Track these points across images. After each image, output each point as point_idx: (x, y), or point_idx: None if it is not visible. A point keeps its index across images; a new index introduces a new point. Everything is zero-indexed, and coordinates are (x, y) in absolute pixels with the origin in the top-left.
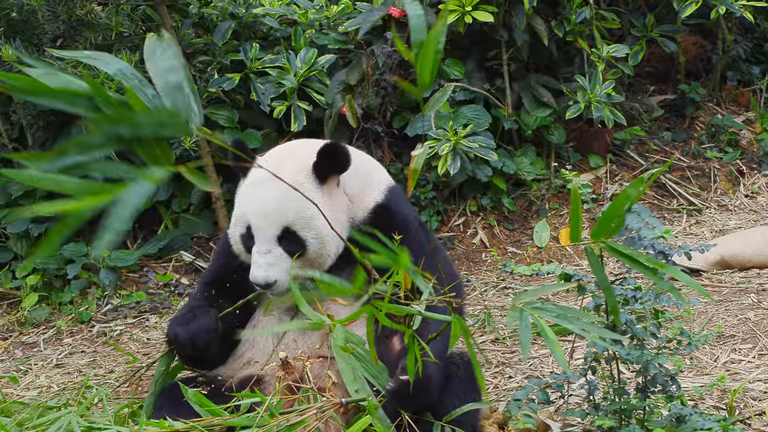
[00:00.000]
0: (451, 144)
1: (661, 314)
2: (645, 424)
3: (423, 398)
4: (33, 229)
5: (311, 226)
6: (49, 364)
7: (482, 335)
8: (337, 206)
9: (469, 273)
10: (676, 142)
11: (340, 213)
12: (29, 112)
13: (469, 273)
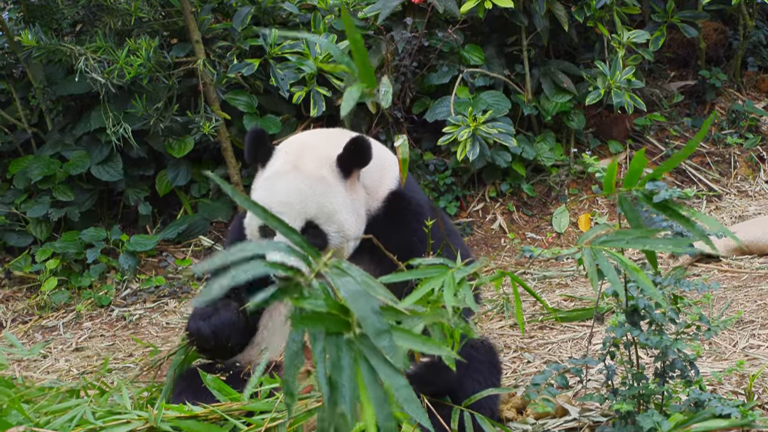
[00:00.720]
0: (470, 130)
1: (680, 299)
2: (663, 409)
3: (442, 381)
4: (53, 213)
5: (334, 221)
6: (68, 347)
7: (501, 320)
8: (357, 199)
9: (489, 258)
10: (696, 127)
11: (359, 206)
12: (48, 97)
13: (489, 258)
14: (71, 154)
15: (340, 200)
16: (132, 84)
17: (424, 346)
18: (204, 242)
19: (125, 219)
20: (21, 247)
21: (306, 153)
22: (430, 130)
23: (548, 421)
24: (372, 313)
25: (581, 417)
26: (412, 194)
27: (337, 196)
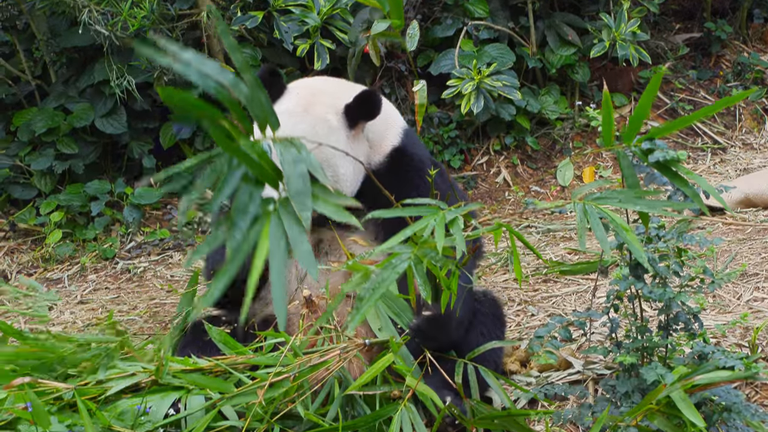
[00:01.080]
0: (474, 83)
1: (684, 252)
2: (667, 361)
3: (444, 336)
4: (57, 166)
5: (329, 164)
6: (73, 300)
7: (505, 274)
8: (358, 151)
9: (492, 212)
10: (701, 80)
11: (360, 158)
12: (52, 49)
13: (492, 212)
14: (75, 107)
15: (341, 146)
16: (135, 36)
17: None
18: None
19: (129, 172)
20: (25, 199)
21: (317, 97)
22: (434, 83)
23: (552, 373)
24: (299, 177)
25: (585, 370)
26: (415, 150)
27: (339, 142)
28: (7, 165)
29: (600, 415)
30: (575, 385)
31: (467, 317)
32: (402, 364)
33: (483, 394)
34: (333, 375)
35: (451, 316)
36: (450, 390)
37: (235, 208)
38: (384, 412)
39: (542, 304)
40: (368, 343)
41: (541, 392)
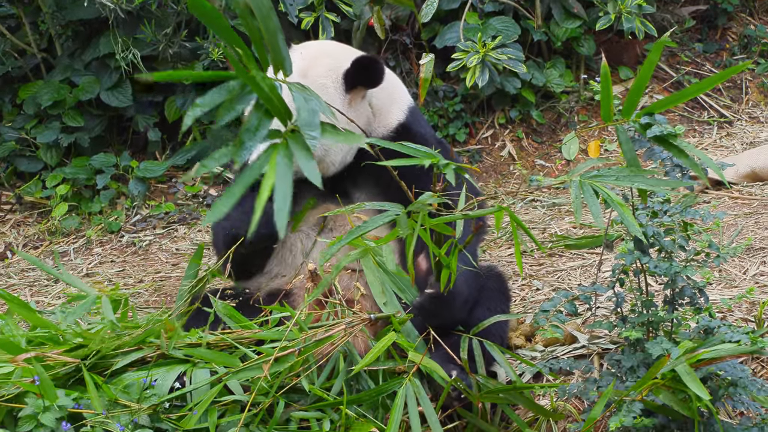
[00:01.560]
0: (479, 56)
1: (690, 227)
2: (672, 336)
3: (447, 314)
4: (63, 139)
5: None
6: (79, 273)
7: (509, 248)
8: (356, 118)
9: (497, 186)
10: (707, 53)
11: (358, 125)
12: (58, 22)
13: (497, 186)
14: (81, 80)
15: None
16: (141, 9)
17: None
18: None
19: (135, 145)
20: (31, 172)
21: (318, 60)
22: (439, 57)
23: (557, 348)
24: (310, 112)
25: (590, 344)
26: (420, 129)
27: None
28: (13, 138)
29: (605, 390)
30: (580, 360)
31: (472, 295)
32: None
33: (488, 369)
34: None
35: (455, 294)
36: (455, 365)
37: (244, 129)
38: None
39: (547, 279)
40: (373, 318)
41: (546, 367)
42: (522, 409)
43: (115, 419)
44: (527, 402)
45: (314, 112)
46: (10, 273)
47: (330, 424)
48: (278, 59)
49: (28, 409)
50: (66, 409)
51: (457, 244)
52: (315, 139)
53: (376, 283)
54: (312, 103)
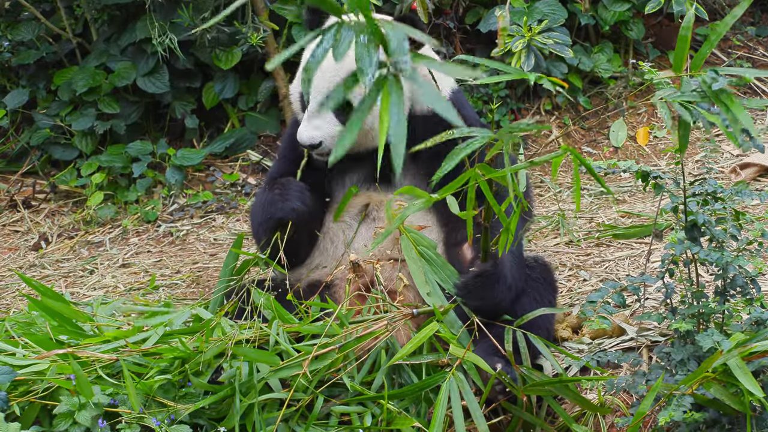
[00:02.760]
0: (525, 40)
1: (742, 215)
2: (724, 328)
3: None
4: (98, 126)
5: None
6: (115, 263)
7: (556, 237)
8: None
9: (543, 174)
10: (760, 37)
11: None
12: (93, 6)
13: (543, 174)
14: (116, 66)
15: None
16: None
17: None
18: (252, 156)
19: (172, 132)
20: (66, 160)
21: None
22: (483, 41)
23: (604, 340)
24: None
25: (639, 336)
26: (464, 112)
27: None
28: (48, 125)
29: (654, 384)
30: (629, 353)
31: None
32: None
33: (534, 362)
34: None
35: (500, 276)
36: (500, 357)
37: (358, 57)
38: (432, 381)
39: (594, 269)
40: (416, 313)
41: (594, 360)
42: (569, 404)
43: (152, 415)
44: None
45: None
46: (44, 263)
47: (371, 418)
48: None
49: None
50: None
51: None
52: (407, 65)
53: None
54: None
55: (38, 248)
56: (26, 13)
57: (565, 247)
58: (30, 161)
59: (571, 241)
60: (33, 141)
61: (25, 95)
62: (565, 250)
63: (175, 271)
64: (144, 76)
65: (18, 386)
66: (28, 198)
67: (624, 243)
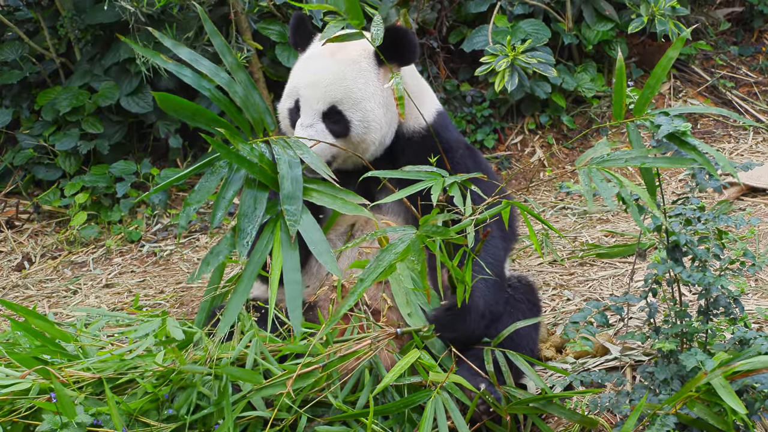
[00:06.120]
0: (509, 60)
1: (725, 234)
2: (707, 347)
3: (462, 327)
4: (82, 146)
5: (359, 108)
6: (98, 284)
7: (540, 257)
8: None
9: (527, 193)
10: (743, 56)
11: (392, 104)
12: (77, 26)
13: (527, 193)
14: (100, 85)
15: (371, 89)
16: (162, 13)
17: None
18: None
19: (155, 152)
20: (50, 180)
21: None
22: (467, 60)
23: (588, 360)
24: (291, 179)
25: (622, 356)
26: (447, 133)
27: (369, 84)
28: (31, 145)
29: (638, 403)
30: (612, 372)
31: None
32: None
33: (518, 382)
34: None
35: (471, 307)
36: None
37: (241, 214)
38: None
39: (578, 288)
40: (399, 332)
41: (577, 379)
42: (553, 422)
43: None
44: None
45: (297, 180)
46: (27, 284)
47: None
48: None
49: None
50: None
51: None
52: (296, 223)
53: (400, 294)
54: (296, 170)
55: (21, 268)
56: (10, 33)
57: (549, 267)
58: (13, 181)
59: (555, 261)
60: (16, 161)
61: (8, 115)
62: (549, 269)
63: (158, 291)
64: (128, 96)
65: (2, 405)
66: (12, 218)
67: (608, 262)
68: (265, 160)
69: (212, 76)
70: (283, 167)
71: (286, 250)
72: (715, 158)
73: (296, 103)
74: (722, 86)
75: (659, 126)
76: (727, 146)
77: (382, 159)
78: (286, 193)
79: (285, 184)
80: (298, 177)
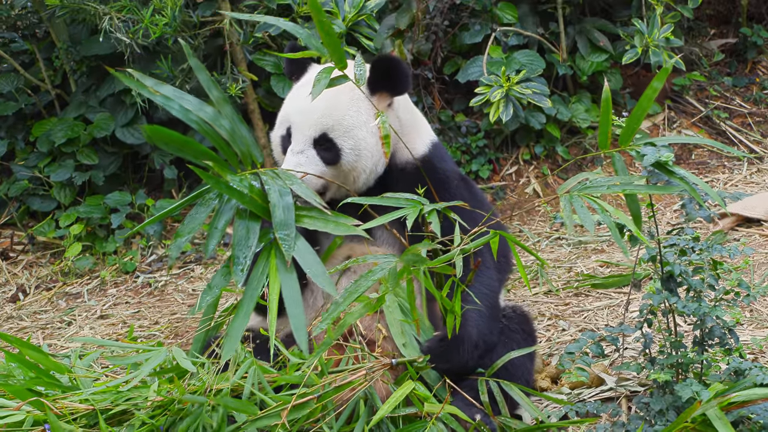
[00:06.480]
0: (503, 90)
1: (719, 265)
2: (702, 378)
3: (456, 358)
4: (77, 177)
5: (350, 136)
6: (93, 315)
7: (535, 287)
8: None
9: (522, 223)
10: (737, 87)
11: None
12: (72, 57)
13: (522, 223)
14: (95, 117)
15: (364, 117)
16: (157, 44)
17: (330, 226)
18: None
19: (150, 183)
20: (45, 211)
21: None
22: (462, 91)
23: (584, 390)
24: (282, 207)
25: (618, 387)
26: (442, 164)
27: (361, 112)
28: (26, 176)
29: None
30: (608, 403)
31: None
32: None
33: (513, 412)
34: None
35: (463, 338)
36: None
37: (235, 243)
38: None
39: (573, 319)
40: (395, 363)
41: (573, 410)
42: None
43: None
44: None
45: (289, 208)
46: (22, 315)
47: None
48: (246, 151)
49: None
50: None
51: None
52: (291, 248)
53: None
54: (286, 198)
55: (16, 300)
56: (5, 64)
57: (544, 297)
58: (8, 212)
59: (550, 291)
60: (11, 192)
61: (4, 147)
62: (544, 299)
63: (153, 322)
64: (123, 127)
65: None
66: (6, 249)
67: (603, 293)
68: (255, 190)
69: (196, 111)
70: (273, 196)
71: (284, 274)
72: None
73: (288, 130)
74: (716, 117)
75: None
76: (722, 176)
77: (375, 189)
78: (278, 220)
79: (277, 212)
80: (290, 204)
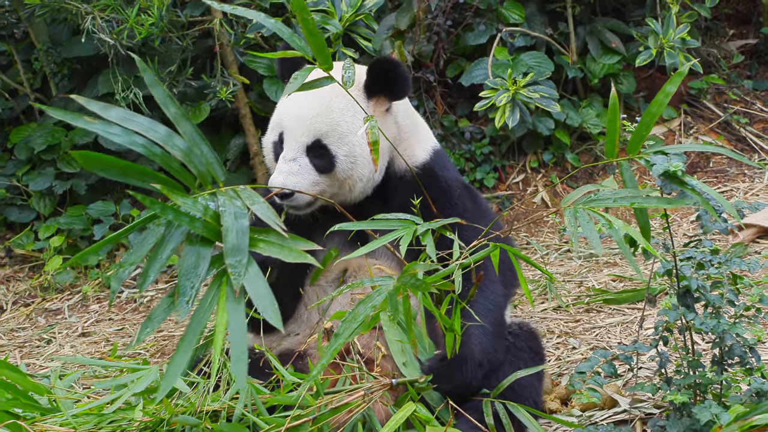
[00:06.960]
0: (509, 94)
1: (739, 279)
2: (722, 399)
3: (458, 377)
4: (57, 186)
5: (345, 142)
6: (74, 332)
7: (543, 302)
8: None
9: (529, 235)
10: (757, 91)
11: (381, 139)
12: (53, 59)
13: (529, 235)
14: None
15: (359, 123)
16: (143, 45)
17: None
18: None
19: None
20: (23, 222)
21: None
22: (465, 95)
23: (595, 413)
24: (236, 230)
25: (632, 408)
26: (444, 172)
27: (357, 118)
28: (3, 185)
29: None
30: (621, 425)
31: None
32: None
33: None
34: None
35: (466, 357)
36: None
37: (182, 272)
38: None
39: (584, 336)
40: (395, 383)
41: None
42: None
43: None
44: None
45: (243, 231)
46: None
47: None
48: (207, 171)
49: None
50: None
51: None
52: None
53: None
54: (242, 221)
55: None
56: None
57: (553, 313)
58: None
59: (559, 307)
60: None
61: None
62: (553, 315)
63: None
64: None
65: None
66: None
67: (615, 308)
68: (210, 212)
69: (146, 132)
70: (227, 219)
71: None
72: (716, 200)
73: (280, 136)
74: (735, 122)
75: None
76: (742, 185)
77: (373, 198)
78: (230, 246)
79: (229, 236)
80: (244, 228)
